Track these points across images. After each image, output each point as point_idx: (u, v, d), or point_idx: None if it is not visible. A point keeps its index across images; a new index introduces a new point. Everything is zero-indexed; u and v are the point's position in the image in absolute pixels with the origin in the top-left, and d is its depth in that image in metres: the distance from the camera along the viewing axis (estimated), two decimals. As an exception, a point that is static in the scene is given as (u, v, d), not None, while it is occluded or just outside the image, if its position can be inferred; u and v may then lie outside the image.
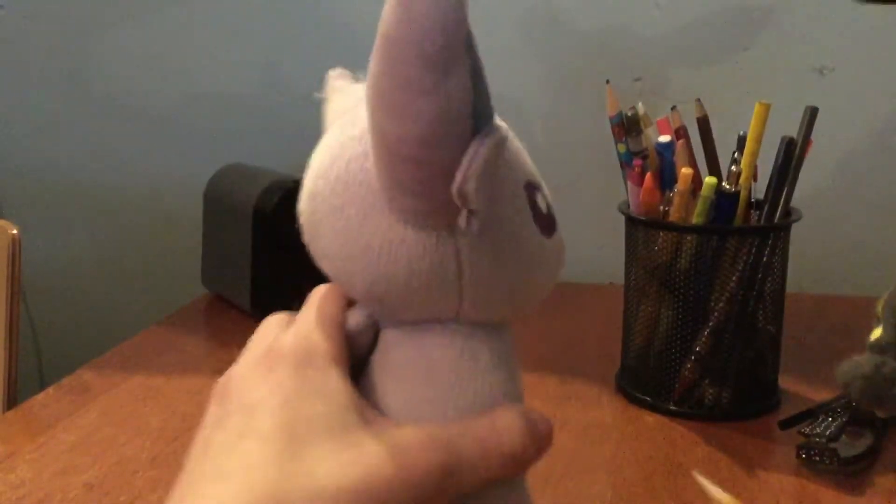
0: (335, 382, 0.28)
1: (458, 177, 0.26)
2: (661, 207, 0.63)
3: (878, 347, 0.51)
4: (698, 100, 0.67)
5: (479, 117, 0.26)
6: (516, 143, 0.32)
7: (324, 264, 0.32)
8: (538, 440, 0.30)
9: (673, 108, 0.66)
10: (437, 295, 0.30)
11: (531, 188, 0.31)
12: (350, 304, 0.33)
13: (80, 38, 1.11)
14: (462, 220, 0.27)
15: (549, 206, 0.32)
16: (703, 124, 0.66)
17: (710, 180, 0.60)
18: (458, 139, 0.26)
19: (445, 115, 0.25)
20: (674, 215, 0.62)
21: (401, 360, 0.31)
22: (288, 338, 0.30)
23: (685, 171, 0.61)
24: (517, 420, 0.29)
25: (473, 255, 0.29)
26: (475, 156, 0.26)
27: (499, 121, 0.28)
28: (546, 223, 0.31)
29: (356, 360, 0.31)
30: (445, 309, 0.30)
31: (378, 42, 0.25)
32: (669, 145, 0.63)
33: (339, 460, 0.26)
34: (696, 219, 0.61)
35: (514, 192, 0.30)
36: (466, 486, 0.28)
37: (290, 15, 1.05)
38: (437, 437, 0.28)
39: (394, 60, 0.25)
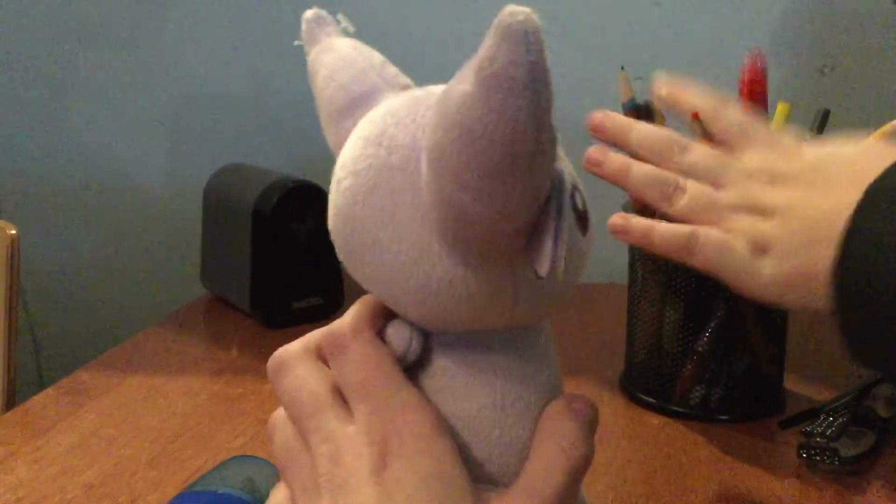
0: (449, 466, 0.29)
1: (545, 265, 0.26)
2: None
3: None
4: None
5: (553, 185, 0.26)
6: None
7: (366, 286, 0.31)
8: (592, 429, 0.31)
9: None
10: (492, 315, 0.30)
11: (573, 190, 0.31)
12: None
13: (79, 37, 1.11)
14: (541, 270, 0.27)
15: (584, 203, 0.31)
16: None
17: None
18: (535, 211, 0.26)
19: (529, 201, 0.26)
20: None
21: (443, 371, 0.31)
22: (389, 420, 0.30)
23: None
24: (574, 428, 0.31)
25: (529, 274, 0.29)
26: (556, 246, 0.26)
27: (560, 164, 0.27)
28: (583, 221, 0.31)
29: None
30: (497, 322, 0.30)
31: (457, 130, 0.24)
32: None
33: None
34: (697, 218, 0.61)
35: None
36: None
37: (289, 15, 1.05)
38: (529, 494, 0.30)
39: (478, 154, 0.24)
